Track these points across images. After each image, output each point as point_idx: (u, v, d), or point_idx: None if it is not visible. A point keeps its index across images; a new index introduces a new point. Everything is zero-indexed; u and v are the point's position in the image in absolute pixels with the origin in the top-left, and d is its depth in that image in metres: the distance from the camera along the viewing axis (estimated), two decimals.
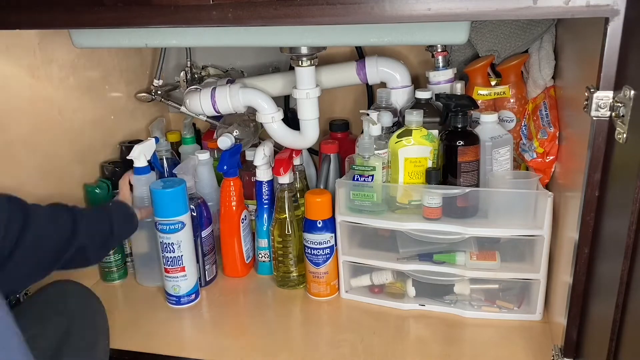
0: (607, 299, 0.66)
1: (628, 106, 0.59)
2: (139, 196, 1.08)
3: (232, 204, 1.11)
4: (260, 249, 1.14)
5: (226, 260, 1.15)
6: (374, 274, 1.03)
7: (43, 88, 1.01)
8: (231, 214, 1.11)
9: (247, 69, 1.32)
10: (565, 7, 0.62)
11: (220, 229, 1.14)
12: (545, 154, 0.95)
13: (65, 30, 0.97)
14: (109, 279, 1.15)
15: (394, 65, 1.11)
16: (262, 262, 1.15)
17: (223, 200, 1.11)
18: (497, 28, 1.04)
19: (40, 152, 1.01)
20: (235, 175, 1.11)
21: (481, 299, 0.99)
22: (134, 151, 1.05)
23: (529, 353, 0.89)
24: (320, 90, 1.03)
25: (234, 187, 1.11)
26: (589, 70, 0.70)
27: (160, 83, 1.28)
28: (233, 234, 1.12)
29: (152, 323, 1.02)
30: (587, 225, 0.71)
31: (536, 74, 1.00)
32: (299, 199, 1.10)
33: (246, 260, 1.16)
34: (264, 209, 1.12)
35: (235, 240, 1.13)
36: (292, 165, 1.09)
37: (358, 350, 0.92)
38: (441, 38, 0.92)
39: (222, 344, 0.95)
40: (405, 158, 0.98)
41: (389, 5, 0.67)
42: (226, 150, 1.07)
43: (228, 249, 1.14)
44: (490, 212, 0.95)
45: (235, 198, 1.11)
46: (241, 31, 0.87)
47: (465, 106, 0.96)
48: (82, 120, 1.11)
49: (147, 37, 0.92)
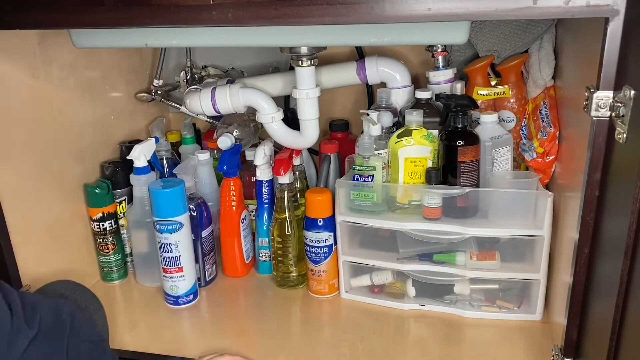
0: (607, 299, 0.66)
1: (628, 106, 0.59)
2: (139, 196, 1.08)
3: (232, 204, 1.10)
4: (260, 248, 1.14)
5: (226, 260, 1.15)
6: (374, 274, 1.03)
7: (43, 88, 1.01)
8: (231, 213, 1.11)
9: (247, 69, 1.32)
10: (565, 7, 0.62)
11: (220, 228, 1.14)
12: (545, 154, 0.95)
13: (65, 30, 0.97)
14: (109, 279, 1.15)
15: (394, 65, 1.11)
16: (263, 261, 1.15)
17: (223, 200, 1.11)
18: (497, 28, 1.04)
19: (40, 152, 1.01)
20: (235, 175, 1.11)
21: (481, 299, 0.99)
22: (134, 151, 1.05)
23: (529, 353, 0.89)
24: (320, 90, 1.03)
25: (234, 187, 1.10)
26: (589, 70, 0.70)
27: (160, 83, 1.28)
28: (233, 234, 1.12)
29: (152, 323, 1.02)
30: (587, 225, 0.71)
31: (536, 74, 1.00)
32: (299, 199, 1.10)
33: (246, 260, 1.16)
34: (264, 208, 1.12)
35: (235, 240, 1.13)
36: (292, 165, 1.09)
37: (358, 350, 0.92)
38: (441, 38, 0.92)
39: (222, 344, 0.95)
40: (405, 158, 0.98)
41: (389, 5, 0.67)
42: (226, 150, 1.07)
43: (228, 249, 1.14)
44: (490, 212, 0.95)
45: (235, 198, 1.11)
46: (241, 31, 0.87)
47: (465, 106, 0.96)
48: (82, 120, 1.11)
49: (147, 37, 0.92)
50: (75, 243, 1.10)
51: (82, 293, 0.92)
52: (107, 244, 1.12)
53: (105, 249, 1.13)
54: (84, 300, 0.91)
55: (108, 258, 1.14)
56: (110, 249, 1.13)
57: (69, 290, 0.90)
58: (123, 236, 1.15)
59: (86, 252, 1.13)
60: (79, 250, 1.12)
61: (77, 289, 0.92)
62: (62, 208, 1.06)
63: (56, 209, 1.05)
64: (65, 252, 1.07)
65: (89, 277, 1.14)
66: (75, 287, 0.92)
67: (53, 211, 1.04)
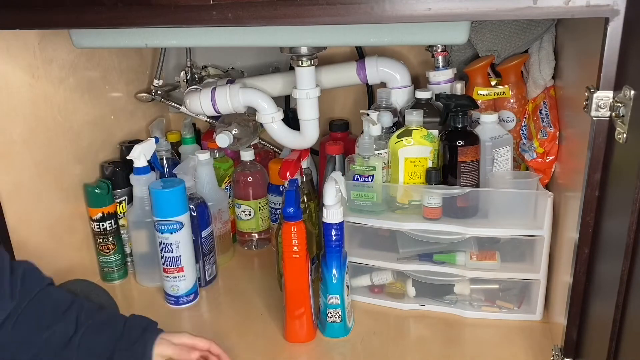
0: (607, 299, 0.66)
1: (628, 106, 0.59)
2: (139, 196, 1.08)
3: (295, 252, 0.90)
4: (329, 307, 0.93)
5: (290, 321, 0.94)
6: (374, 274, 1.03)
7: (43, 88, 1.01)
8: (296, 265, 0.91)
9: (247, 69, 1.32)
10: (565, 7, 0.62)
11: (285, 284, 0.93)
12: (545, 154, 0.95)
13: (65, 30, 0.97)
14: (109, 279, 1.15)
15: (394, 65, 1.11)
16: (332, 322, 0.94)
17: (286, 248, 0.90)
18: (497, 28, 1.04)
19: (40, 152, 1.01)
20: (300, 219, 0.90)
21: (481, 299, 0.99)
22: (134, 151, 1.05)
23: (529, 353, 0.89)
24: (320, 90, 1.03)
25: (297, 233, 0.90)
26: (589, 70, 0.70)
27: (160, 83, 1.28)
28: (300, 290, 0.92)
29: None
30: (587, 225, 0.71)
31: (536, 74, 1.00)
32: (306, 203, 1.07)
33: (314, 320, 0.96)
34: (334, 257, 0.92)
35: (303, 297, 0.92)
36: (300, 169, 1.06)
37: (358, 350, 0.92)
38: (441, 38, 0.92)
39: (222, 344, 0.94)
40: (405, 158, 0.98)
41: (389, 5, 0.67)
42: (290, 190, 0.90)
43: (294, 308, 0.93)
44: (490, 212, 0.95)
45: (299, 246, 0.90)
46: (241, 31, 0.87)
47: (465, 106, 0.96)
48: (82, 120, 1.11)
49: (147, 37, 0.92)
50: (75, 243, 1.10)
51: (99, 291, 0.91)
52: (107, 244, 1.12)
53: (105, 249, 1.13)
54: (103, 298, 0.91)
55: (108, 258, 1.14)
56: (110, 249, 1.13)
57: (87, 288, 0.89)
58: (123, 236, 1.15)
59: (86, 252, 1.13)
60: (79, 250, 1.12)
61: (94, 287, 0.91)
62: (62, 208, 1.06)
63: (56, 209, 1.05)
64: (65, 252, 1.07)
65: (89, 277, 1.12)
66: (91, 285, 0.91)
67: (53, 211, 1.04)
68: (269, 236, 1.27)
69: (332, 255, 0.92)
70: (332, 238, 0.91)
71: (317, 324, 0.97)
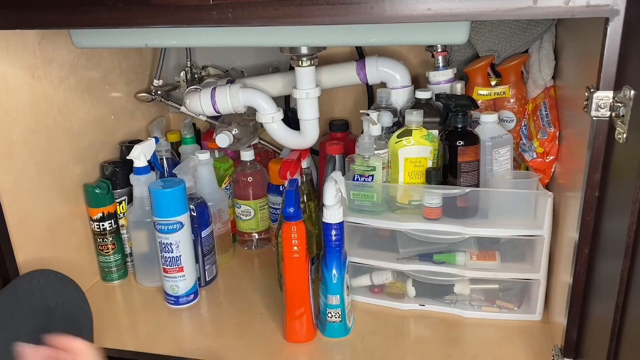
0: (607, 299, 0.66)
1: (628, 106, 0.59)
2: (139, 196, 1.08)
3: (295, 252, 0.90)
4: (329, 307, 0.94)
5: (290, 322, 0.94)
6: (374, 274, 1.03)
7: (43, 88, 1.01)
8: (296, 265, 0.91)
9: (247, 69, 1.32)
10: (565, 7, 0.62)
11: (285, 284, 0.93)
12: (545, 154, 0.95)
13: (65, 30, 0.97)
14: (109, 279, 1.15)
15: (394, 65, 1.11)
16: (332, 322, 0.95)
17: (286, 249, 0.91)
18: (497, 28, 1.04)
19: (40, 152, 1.01)
20: (300, 219, 0.91)
21: (481, 299, 0.99)
22: (134, 151, 1.05)
23: (529, 353, 0.89)
24: (320, 90, 1.03)
25: (297, 233, 0.90)
26: (589, 70, 0.70)
27: (160, 83, 1.28)
28: (300, 290, 0.93)
29: (152, 323, 1.02)
30: (587, 225, 0.71)
31: (536, 74, 1.00)
32: (306, 203, 1.07)
33: (314, 320, 0.96)
34: (334, 257, 0.92)
35: (303, 297, 0.93)
36: (300, 169, 1.07)
37: (358, 350, 0.92)
38: (441, 38, 0.92)
39: (222, 344, 0.95)
40: (405, 158, 0.98)
41: (389, 5, 0.67)
42: (290, 190, 0.90)
43: (294, 308, 0.93)
44: (490, 212, 0.95)
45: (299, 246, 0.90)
46: (241, 31, 0.87)
47: (465, 106, 0.96)
48: (82, 120, 1.11)
49: (147, 37, 0.92)
50: (75, 243, 1.10)
51: (60, 284, 0.88)
52: (107, 244, 1.12)
53: (105, 249, 1.13)
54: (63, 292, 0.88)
55: (108, 258, 1.14)
56: (110, 249, 1.13)
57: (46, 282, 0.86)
58: (123, 236, 1.15)
59: (86, 252, 1.13)
60: (79, 250, 1.11)
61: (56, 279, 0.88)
62: (62, 208, 1.06)
63: (56, 209, 1.05)
64: (65, 252, 1.07)
65: (89, 277, 1.14)
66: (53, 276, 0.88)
67: (53, 211, 1.04)
68: (269, 236, 1.27)
69: (332, 255, 0.92)
70: (332, 238, 0.92)
71: (317, 324, 0.97)
